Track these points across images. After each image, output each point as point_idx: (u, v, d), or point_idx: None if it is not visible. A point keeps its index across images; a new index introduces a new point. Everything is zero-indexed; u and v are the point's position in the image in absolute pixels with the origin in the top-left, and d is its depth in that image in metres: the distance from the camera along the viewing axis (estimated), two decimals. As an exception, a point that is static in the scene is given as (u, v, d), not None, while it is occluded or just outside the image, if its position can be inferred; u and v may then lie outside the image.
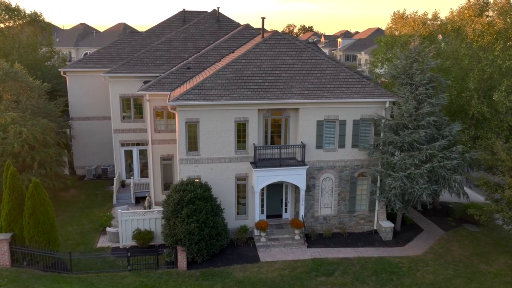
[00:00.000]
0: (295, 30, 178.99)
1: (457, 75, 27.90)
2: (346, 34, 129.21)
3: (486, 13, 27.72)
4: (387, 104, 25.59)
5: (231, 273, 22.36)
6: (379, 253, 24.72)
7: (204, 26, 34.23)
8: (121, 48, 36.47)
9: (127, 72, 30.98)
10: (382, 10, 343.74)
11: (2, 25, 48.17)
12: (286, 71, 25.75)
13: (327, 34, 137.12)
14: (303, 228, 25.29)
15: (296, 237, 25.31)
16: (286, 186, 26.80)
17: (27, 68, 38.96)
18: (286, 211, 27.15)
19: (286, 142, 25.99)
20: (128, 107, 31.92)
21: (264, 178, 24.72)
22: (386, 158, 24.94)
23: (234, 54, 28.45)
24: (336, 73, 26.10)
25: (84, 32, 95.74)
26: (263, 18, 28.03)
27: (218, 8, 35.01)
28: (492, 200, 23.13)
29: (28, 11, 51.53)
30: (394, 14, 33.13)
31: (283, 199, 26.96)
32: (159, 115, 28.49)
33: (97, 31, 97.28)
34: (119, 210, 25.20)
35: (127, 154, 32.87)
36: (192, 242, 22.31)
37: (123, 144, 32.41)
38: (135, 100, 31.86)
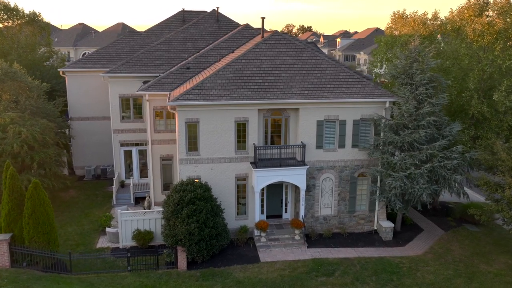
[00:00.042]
0: (294, 30, 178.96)
1: (457, 75, 27.89)
2: (345, 34, 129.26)
3: (486, 13, 27.72)
4: (387, 104, 25.58)
5: (231, 273, 22.33)
6: (379, 253, 24.71)
7: (204, 26, 34.18)
8: (120, 48, 36.38)
9: (126, 72, 30.93)
10: (381, 10, 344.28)
11: (0, 25, 47.98)
12: (286, 71, 25.72)
13: (326, 34, 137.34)
14: (303, 228, 25.26)
15: (296, 237, 25.29)
16: (286, 186, 26.77)
17: (26, 68, 38.84)
18: (286, 211, 27.12)
19: (286, 142, 25.96)
20: (128, 107, 31.86)
21: (264, 178, 24.69)
22: (386, 158, 24.93)
23: (234, 54, 28.41)
24: (336, 73, 26.08)
25: (82, 32, 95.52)
26: (263, 18, 27.99)
27: (218, 8, 35.01)
28: (493, 200, 23.13)
29: (27, 11, 51.42)
30: (393, 14, 33.11)
31: (283, 199, 26.93)
32: (158, 115, 28.44)
33: (95, 31, 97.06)
34: (118, 211, 25.13)
35: (127, 154, 32.81)
36: (192, 243, 22.27)
37: (122, 144, 32.36)
38: (135, 100, 31.82)
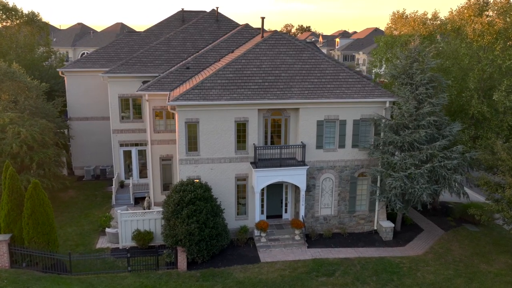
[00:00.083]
0: (293, 30, 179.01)
1: (457, 75, 27.89)
2: (344, 34, 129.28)
3: (486, 12, 27.72)
4: (387, 104, 25.55)
5: (232, 273, 22.29)
6: (379, 253, 24.69)
7: (203, 26, 34.13)
8: (119, 48, 36.30)
9: (126, 72, 30.87)
10: (380, 10, 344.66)
11: (-1, 24, 47.99)
12: (286, 71, 25.68)
13: (324, 34, 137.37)
14: (303, 228, 25.22)
15: (297, 237, 25.25)
16: (286, 186, 26.73)
17: (25, 68, 38.76)
18: (286, 212, 27.08)
19: (286, 142, 25.92)
20: (127, 107, 31.79)
21: (264, 178, 24.64)
22: (386, 158, 24.91)
23: (234, 54, 28.36)
24: (336, 73, 26.05)
25: (81, 32, 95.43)
26: (263, 18, 27.94)
27: (217, 8, 34.95)
28: (493, 200, 23.12)
29: (26, 11, 51.24)
30: (393, 14, 33.12)
31: (283, 199, 26.89)
32: (158, 115, 28.38)
33: (94, 31, 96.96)
34: (118, 211, 25.05)
35: (126, 155, 32.74)
36: (192, 243, 22.21)
37: (122, 145, 32.28)
38: (134, 100, 31.76)
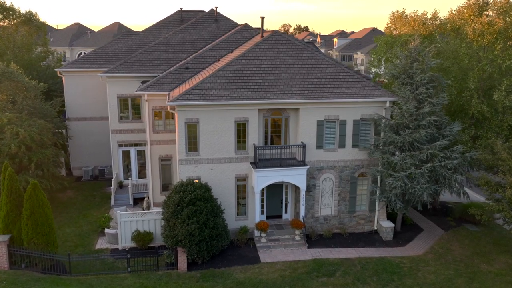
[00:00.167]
0: (291, 30, 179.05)
1: (457, 74, 27.89)
2: (342, 34, 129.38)
3: (486, 12, 27.72)
4: (387, 104, 25.51)
5: (232, 274, 22.21)
6: (379, 253, 24.66)
7: (202, 25, 34.02)
8: (118, 48, 36.16)
9: (124, 72, 30.73)
10: (378, 10, 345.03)
11: (-3, 24, 47.74)
12: (286, 71, 25.61)
13: (322, 34, 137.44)
14: (303, 228, 25.16)
15: (297, 237, 25.19)
16: (286, 187, 26.67)
17: (22, 68, 38.58)
18: (286, 212, 27.01)
19: (286, 142, 25.86)
20: (126, 107, 31.65)
21: (264, 179, 24.57)
22: (386, 158, 24.87)
23: (233, 53, 28.27)
24: (336, 72, 26.00)
25: (78, 32, 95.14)
26: (263, 18, 27.83)
27: (216, 7, 34.83)
28: (493, 199, 23.10)
29: (23, 11, 50.97)
30: (393, 14, 33.11)
31: (283, 199, 26.82)
32: (157, 115, 28.26)
33: (91, 31, 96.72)
34: (118, 211, 24.92)
35: (125, 155, 32.60)
36: (192, 243, 22.12)
37: (120, 145, 32.15)
38: (133, 100, 31.64)
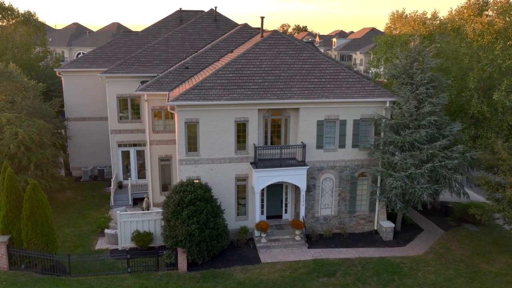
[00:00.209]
0: (289, 30, 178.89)
1: (457, 74, 27.89)
2: (341, 34, 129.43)
3: (486, 12, 27.72)
4: (387, 104, 25.49)
5: (232, 274, 22.17)
6: (380, 253, 24.63)
7: (202, 25, 33.95)
8: (117, 48, 36.08)
9: (124, 72, 30.66)
10: (377, 10, 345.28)
11: (-5, 24, 47.63)
12: (286, 71, 25.57)
13: (321, 34, 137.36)
14: (303, 228, 25.12)
15: (297, 237, 25.15)
16: (286, 187, 26.63)
17: (21, 68, 38.48)
18: (286, 212, 26.98)
19: (286, 142, 25.82)
20: (125, 107, 31.57)
21: (264, 179, 24.53)
22: (386, 158, 24.85)
23: (233, 53, 28.23)
24: (336, 72, 25.97)
25: (77, 32, 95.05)
26: (262, 18, 27.76)
27: (216, 7, 34.76)
28: (494, 199, 23.09)
29: (22, 11, 50.92)
30: (392, 14, 33.12)
31: (283, 199, 26.79)
32: (157, 116, 28.20)
33: (90, 31, 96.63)
34: (118, 212, 24.85)
35: (124, 155, 32.50)
36: (192, 244, 22.07)
37: (120, 145, 32.06)
38: (132, 101, 31.56)
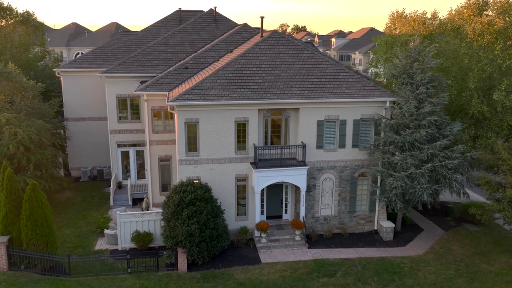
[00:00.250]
0: (288, 30, 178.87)
1: (457, 74, 27.88)
2: (340, 34, 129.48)
3: (486, 12, 27.72)
4: (388, 104, 25.47)
5: (232, 274, 22.13)
6: (380, 253, 24.62)
7: (201, 25, 33.91)
8: (116, 47, 36.01)
9: (123, 72, 30.60)
10: (376, 10, 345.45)
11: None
12: (286, 71, 25.54)
13: (320, 34, 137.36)
14: (303, 228, 25.09)
15: (297, 238, 25.12)
16: (286, 187, 26.60)
17: (20, 68, 38.36)
18: (286, 212, 26.95)
19: (286, 142, 25.79)
20: (125, 107, 31.51)
21: (264, 179, 24.49)
22: (387, 158, 24.83)
23: (233, 53, 28.19)
24: (336, 72, 25.95)
25: (75, 32, 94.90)
26: (262, 18, 27.72)
27: (215, 7, 34.72)
28: (494, 199, 23.09)
29: (20, 10, 50.80)
30: (392, 14, 33.12)
31: (283, 199, 26.76)
32: (156, 116, 28.16)
33: (89, 31, 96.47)
34: (117, 212, 24.79)
35: (124, 155, 32.43)
36: (192, 244, 22.02)
37: (119, 145, 31.99)
38: (132, 101, 31.50)
